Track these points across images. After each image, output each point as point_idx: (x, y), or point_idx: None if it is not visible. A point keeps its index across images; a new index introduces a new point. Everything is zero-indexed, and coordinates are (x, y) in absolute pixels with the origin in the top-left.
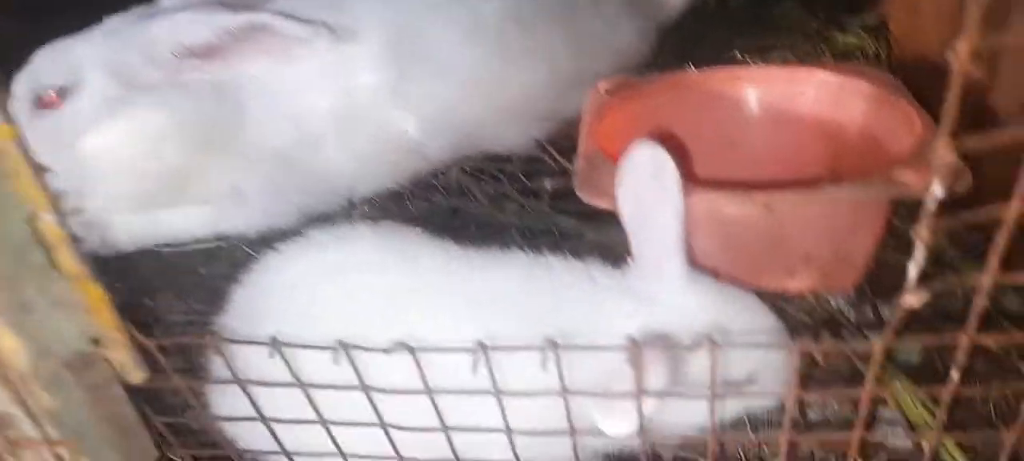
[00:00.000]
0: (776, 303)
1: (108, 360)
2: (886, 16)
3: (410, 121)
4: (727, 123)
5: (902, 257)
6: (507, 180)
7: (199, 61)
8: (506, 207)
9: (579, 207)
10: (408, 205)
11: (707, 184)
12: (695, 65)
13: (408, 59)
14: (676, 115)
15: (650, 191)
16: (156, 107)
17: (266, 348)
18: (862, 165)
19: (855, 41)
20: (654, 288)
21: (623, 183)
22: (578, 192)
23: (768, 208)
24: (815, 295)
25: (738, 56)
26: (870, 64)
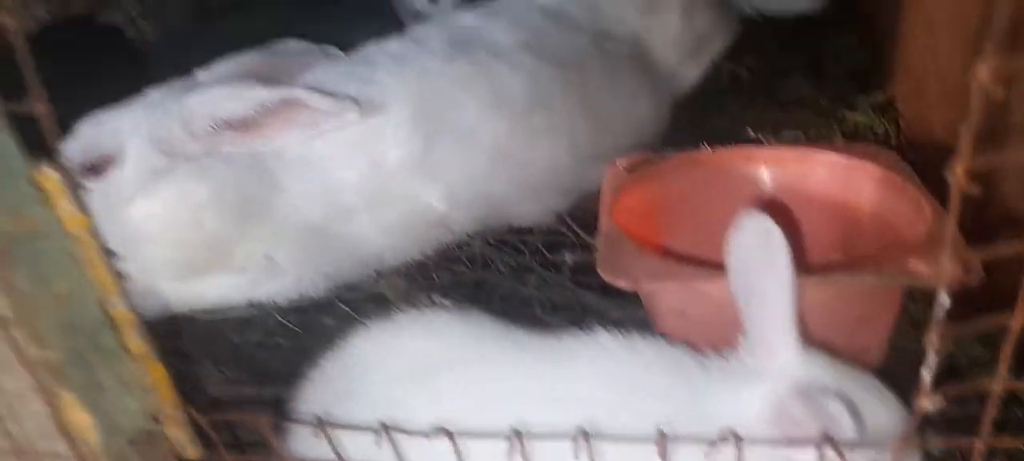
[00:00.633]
0: None
1: (167, 437)
2: (894, 96)
3: (436, 193)
4: (741, 201)
5: (916, 342)
6: (529, 252)
7: (235, 133)
8: (528, 280)
9: (600, 282)
10: (433, 276)
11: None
12: (708, 139)
13: (434, 132)
14: (692, 193)
15: (759, 262)
16: (196, 177)
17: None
18: (874, 248)
19: (865, 119)
20: (768, 364)
21: (732, 254)
22: (599, 271)
23: None
24: None
25: (750, 132)
26: (880, 143)
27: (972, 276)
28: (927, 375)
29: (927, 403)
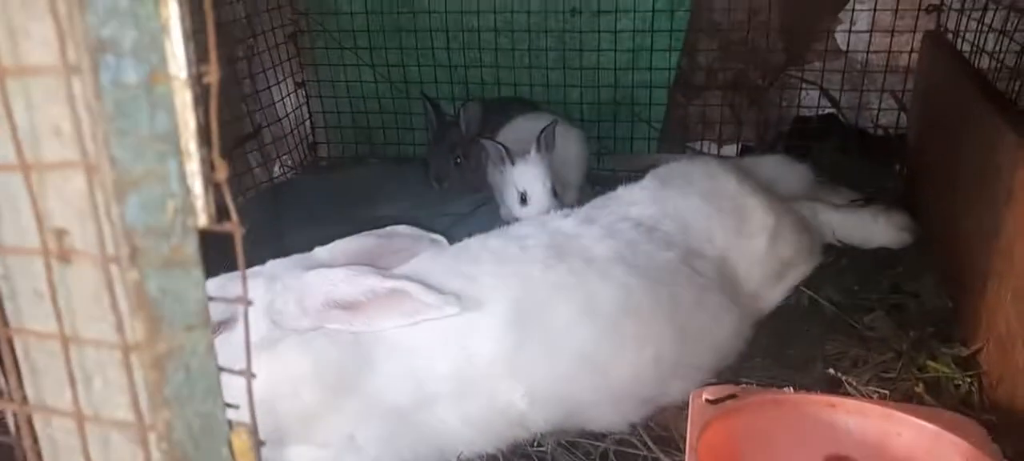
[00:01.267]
0: None
1: None
2: (979, 355)
3: (519, 392)
4: (822, 449)
5: None
6: (599, 458)
7: (343, 313)
8: None
9: None
10: None
11: None
12: (785, 366)
13: (525, 334)
14: (774, 434)
15: None
16: (302, 349)
17: None
18: None
19: (947, 372)
20: None
21: None
22: None
23: None
24: None
25: (829, 368)
26: (961, 399)
27: None
28: None
29: None
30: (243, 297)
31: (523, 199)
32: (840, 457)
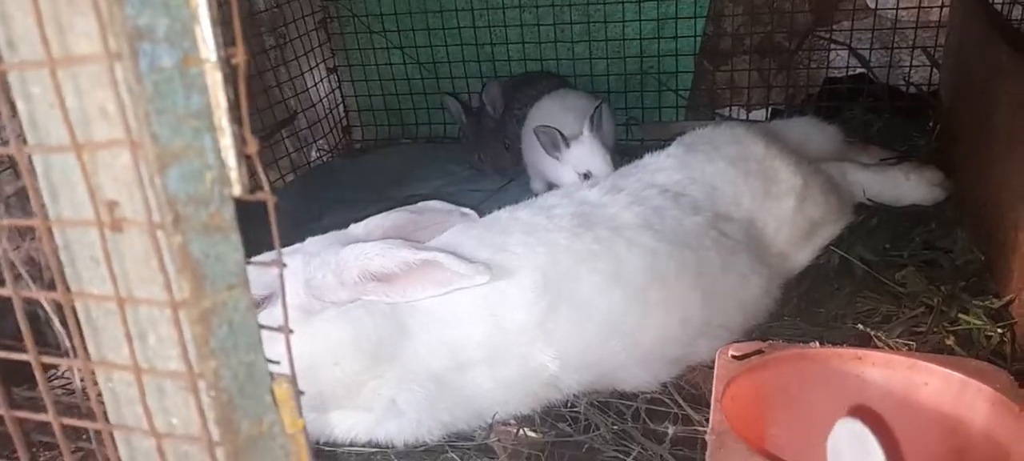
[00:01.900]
0: None
1: None
2: (1011, 306)
3: (550, 354)
4: (848, 402)
5: None
6: (631, 419)
7: (379, 284)
8: (630, 449)
9: (698, 455)
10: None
11: None
12: (815, 325)
13: (554, 301)
14: (800, 388)
15: None
16: (341, 321)
17: None
18: None
19: (979, 324)
20: None
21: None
22: None
23: None
24: None
25: (858, 324)
26: (993, 350)
27: None
28: None
29: None
30: (278, 261)
31: (585, 178)
32: (865, 408)
